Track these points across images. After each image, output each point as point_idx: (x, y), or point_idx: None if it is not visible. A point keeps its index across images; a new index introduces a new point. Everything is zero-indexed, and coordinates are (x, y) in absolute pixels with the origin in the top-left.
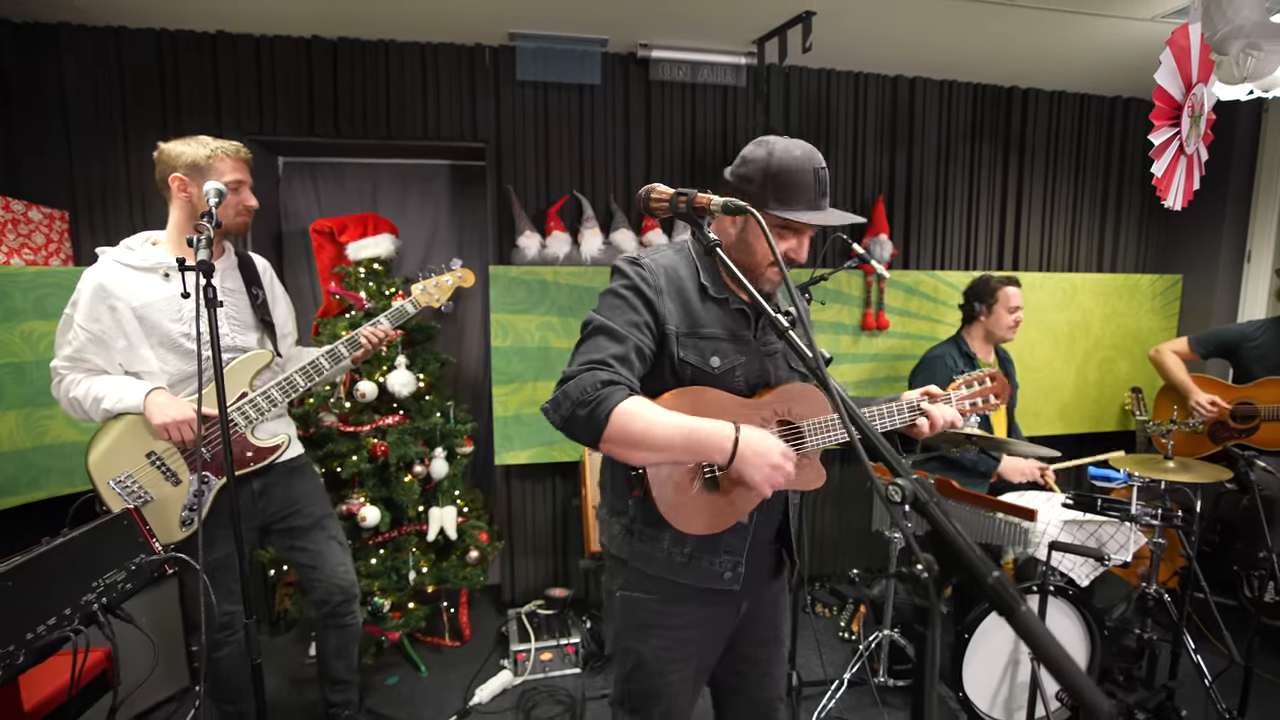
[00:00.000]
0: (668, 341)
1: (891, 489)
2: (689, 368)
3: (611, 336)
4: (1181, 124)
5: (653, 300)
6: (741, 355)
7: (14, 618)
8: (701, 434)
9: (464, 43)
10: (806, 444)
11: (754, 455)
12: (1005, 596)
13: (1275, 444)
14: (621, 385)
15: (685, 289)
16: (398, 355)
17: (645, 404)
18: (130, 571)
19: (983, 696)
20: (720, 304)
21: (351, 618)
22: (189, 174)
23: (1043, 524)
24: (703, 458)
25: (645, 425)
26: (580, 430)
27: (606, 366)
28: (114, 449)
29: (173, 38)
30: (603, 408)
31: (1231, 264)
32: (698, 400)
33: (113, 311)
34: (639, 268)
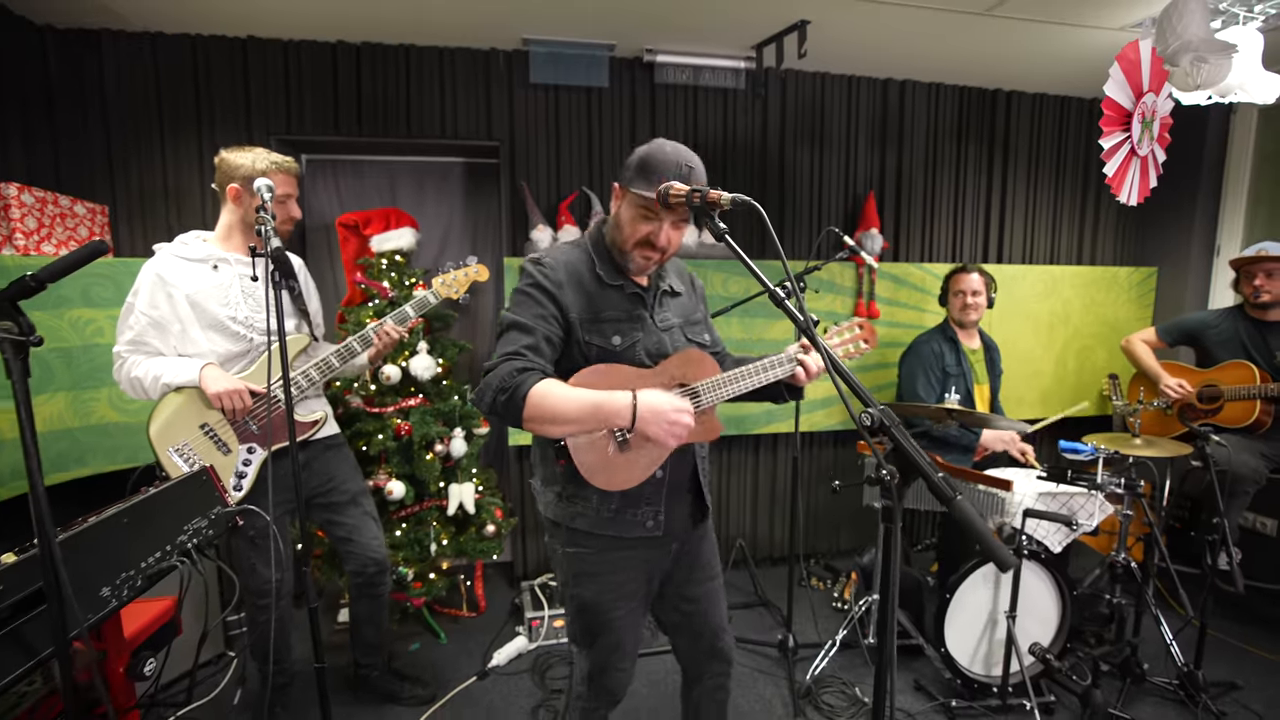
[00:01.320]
0: (573, 328)
1: (863, 415)
2: (594, 348)
3: (522, 330)
4: (1132, 129)
5: (555, 294)
6: (639, 332)
7: (131, 550)
8: (605, 405)
9: (480, 47)
10: (702, 400)
11: (652, 415)
12: (944, 490)
13: (1238, 422)
14: (535, 371)
15: (583, 280)
16: (419, 341)
17: (556, 385)
18: (211, 520)
19: (964, 653)
20: (616, 289)
21: (383, 587)
22: (244, 185)
23: (1019, 494)
24: (609, 425)
25: (555, 403)
26: (504, 413)
27: (520, 356)
28: (172, 421)
29: (206, 42)
30: (519, 392)
31: (1202, 257)
32: (605, 375)
33: (170, 298)
34: (541, 266)
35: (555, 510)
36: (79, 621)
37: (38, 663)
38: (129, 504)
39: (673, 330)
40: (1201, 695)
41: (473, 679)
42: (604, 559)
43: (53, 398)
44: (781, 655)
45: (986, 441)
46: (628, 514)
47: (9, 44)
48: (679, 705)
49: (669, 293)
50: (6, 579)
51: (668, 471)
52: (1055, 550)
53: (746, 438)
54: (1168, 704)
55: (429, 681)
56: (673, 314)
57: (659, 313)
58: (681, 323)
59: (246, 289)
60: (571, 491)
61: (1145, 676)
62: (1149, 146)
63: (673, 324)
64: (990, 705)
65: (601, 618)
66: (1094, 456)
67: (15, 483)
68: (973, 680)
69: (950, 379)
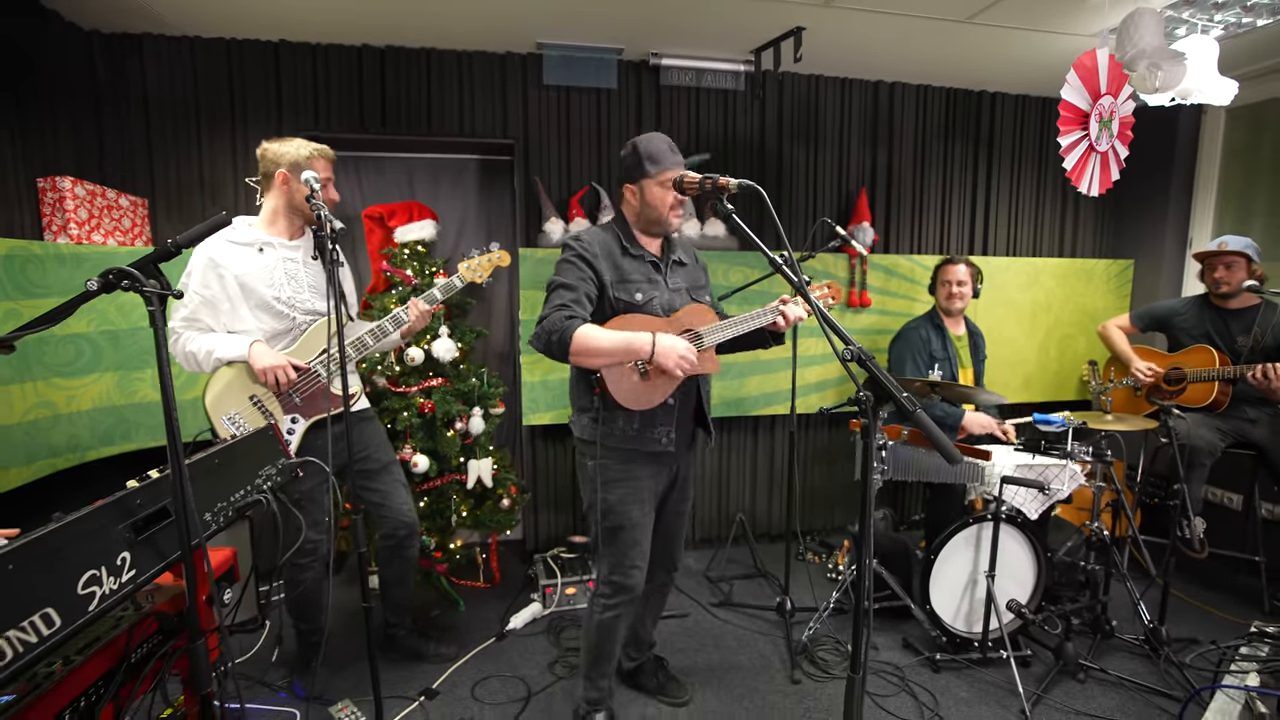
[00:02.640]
0: (605, 288)
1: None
2: (621, 302)
3: (567, 288)
4: (1090, 128)
5: (591, 261)
6: (656, 290)
7: (222, 486)
8: (632, 341)
9: (496, 50)
10: (704, 341)
11: (667, 349)
12: (906, 405)
13: (1199, 402)
14: (577, 318)
15: (613, 252)
16: (440, 326)
17: (594, 328)
18: (279, 468)
19: (947, 611)
20: (638, 259)
21: (412, 550)
22: (291, 171)
23: (997, 464)
24: (634, 357)
25: (595, 340)
26: (555, 350)
27: (566, 307)
28: (225, 392)
29: (240, 46)
30: (567, 333)
31: (1175, 249)
32: (630, 322)
33: (220, 279)
34: (580, 242)
35: (589, 431)
36: (199, 532)
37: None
38: (218, 449)
39: (681, 291)
40: (1164, 649)
41: (492, 640)
42: (626, 469)
43: (101, 377)
44: (780, 618)
45: (969, 424)
46: (647, 432)
47: (59, 48)
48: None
49: (679, 263)
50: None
51: (678, 400)
52: (1033, 516)
53: (745, 419)
54: (1135, 658)
55: (452, 642)
56: (681, 279)
57: (670, 277)
58: (688, 286)
59: (289, 271)
60: (604, 415)
61: (1114, 633)
62: (1109, 143)
63: (681, 286)
64: (972, 658)
65: (623, 517)
66: (1065, 428)
67: (70, 454)
68: (955, 636)
69: (936, 363)
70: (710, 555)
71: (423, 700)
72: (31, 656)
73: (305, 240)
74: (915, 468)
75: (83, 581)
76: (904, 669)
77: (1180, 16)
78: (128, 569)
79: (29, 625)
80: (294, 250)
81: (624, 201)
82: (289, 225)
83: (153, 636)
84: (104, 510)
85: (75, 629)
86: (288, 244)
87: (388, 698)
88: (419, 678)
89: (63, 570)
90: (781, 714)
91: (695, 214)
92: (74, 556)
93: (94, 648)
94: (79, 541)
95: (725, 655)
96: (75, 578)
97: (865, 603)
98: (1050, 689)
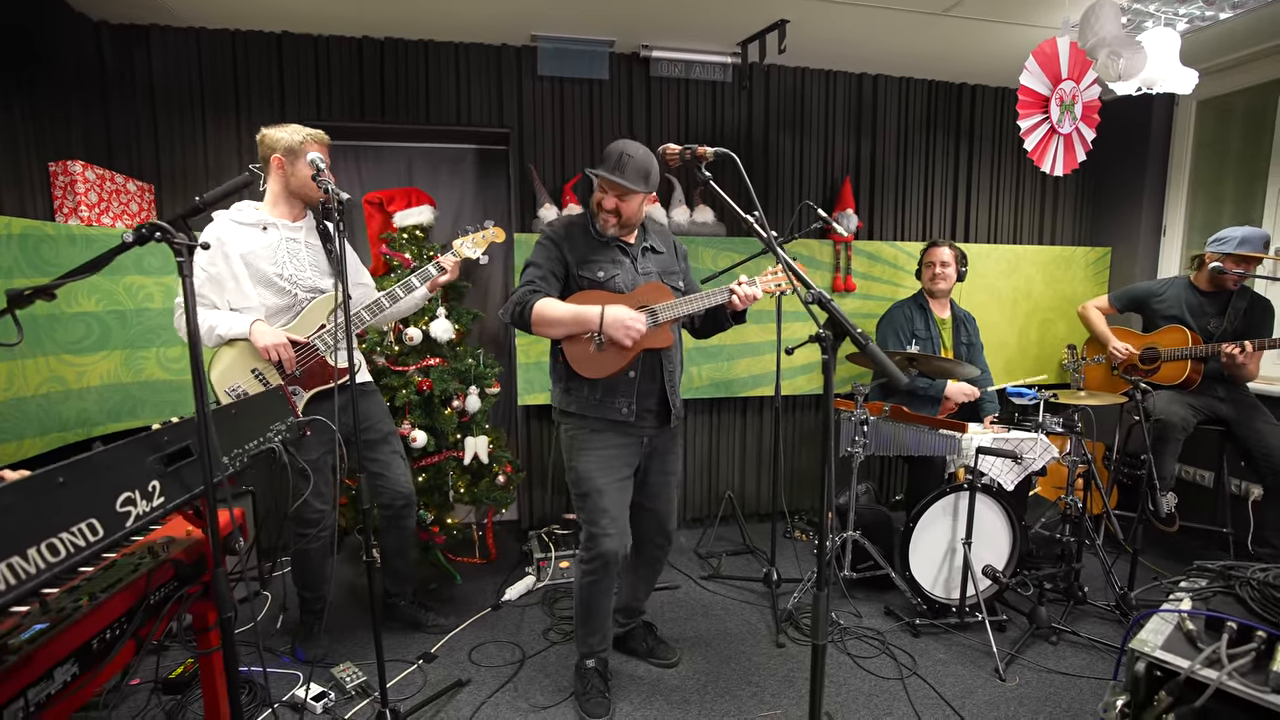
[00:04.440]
0: (570, 266)
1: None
2: (585, 280)
3: (535, 267)
4: (1050, 111)
5: (558, 243)
6: (618, 270)
7: (239, 434)
8: (584, 312)
9: (492, 42)
10: (658, 316)
11: (613, 321)
12: (859, 338)
13: (1172, 380)
14: (540, 292)
15: (577, 236)
16: (438, 306)
17: (552, 300)
18: (288, 425)
19: (926, 577)
20: (603, 243)
21: (410, 520)
22: (287, 155)
23: (973, 436)
24: (585, 328)
25: (550, 312)
26: (519, 320)
27: (532, 283)
28: (230, 366)
29: (244, 36)
30: (529, 305)
31: (1150, 237)
32: (591, 297)
33: (226, 257)
34: (550, 227)
35: (561, 400)
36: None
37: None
38: (237, 401)
39: (651, 275)
40: (1133, 613)
41: (488, 610)
42: (592, 437)
43: (109, 355)
44: (766, 588)
45: (952, 394)
46: (609, 401)
47: (69, 37)
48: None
49: (652, 250)
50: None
51: (638, 375)
52: (1009, 487)
53: (734, 400)
54: (1105, 622)
55: (449, 613)
56: (653, 265)
57: (642, 263)
58: (659, 272)
59: (291, 250)
60: (570, 384)
61: (1086, 599)
62: (1071, 125)
63: (652, 272)
64: (950, 623)
65: (592, 483)
66: (1037, 400)
67: (79, 429)
68: (934, 602)
69: (919, 342)
70: (700, 533)
71: (421, 663)
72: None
73: (307, 222)
74: (896, 443)
75: (120, 500)
76: (885, 634)
77: (1146, 10)
78: (158, 495)
79: (78, 530)
80: (296, 231)
81: None
82: (289, 208)
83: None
84: (138, 443)
85: (115, 540)
86: (290, 225)
87: (388, 661)
88: (417, 644)
89: (104, 489)
90: (766, 674)
91: (685, 200)
92: (113, 478)
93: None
94: (118, 466)
95: (714, 623)
96: (114, 496)
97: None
98: (1024, 650)
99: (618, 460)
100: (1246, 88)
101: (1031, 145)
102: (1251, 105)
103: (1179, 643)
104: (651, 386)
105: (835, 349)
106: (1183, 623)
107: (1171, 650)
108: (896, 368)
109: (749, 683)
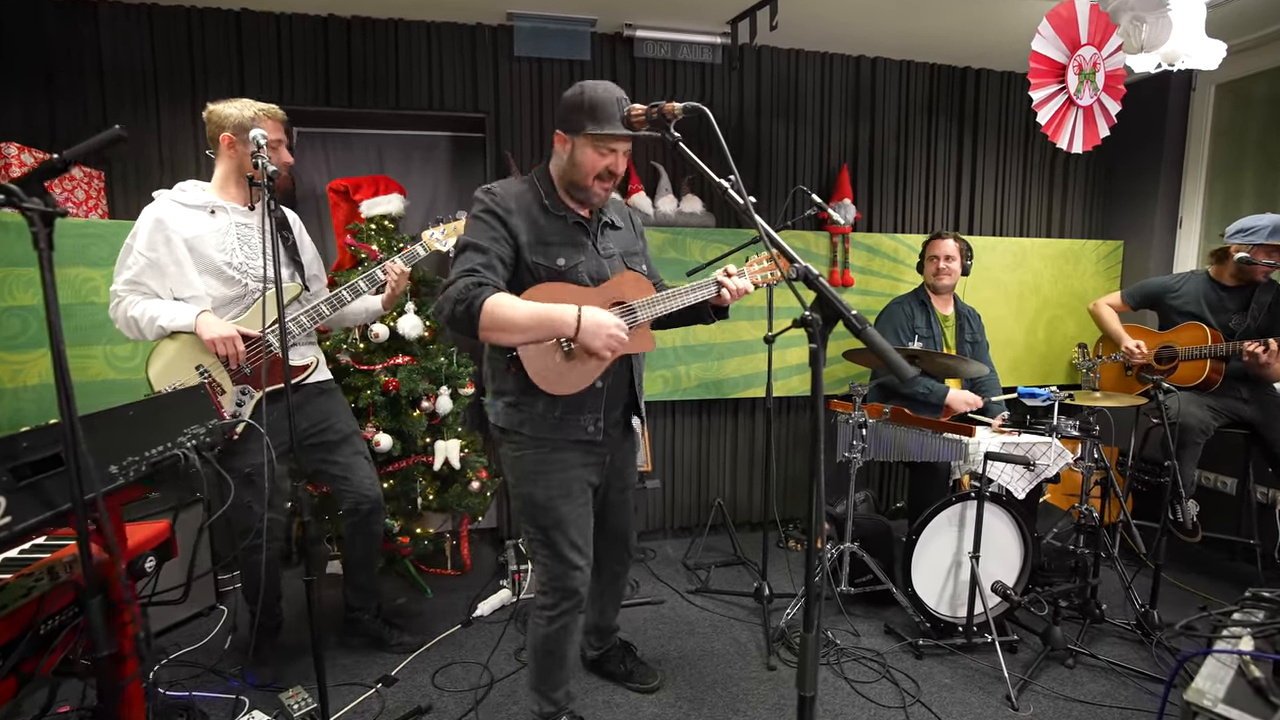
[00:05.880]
0: (521, 250)
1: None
2: (541, 268)
3: (476, 250)
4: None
5: (504, 218)
6: (582, 255)
7: (135, 440)
8: (553, 315)
9: (466, 21)
10: (637, 316)
11: (595, 327)
12: (854, 323)
13: (1190, 381)
14: (488, 285)
15: (531, 209)
16: (407, 301)
17: (508, 298)
18: (209, 428)
19: (930, 594)
20: (560, 219)
21: (377, 525)
22: (236, 133)
23: (981, 440)
24: (555, 334)
25: (508, 313)
26: (461, 324)
27: (475, 273)
28: (171, 362)
29: (201, 14)
30: (475, 304)
31: (1166, 230)
32: (552, 292)
33: (168, 241)
34: (491, 195)
35: (505, 418)
36: (94, 485)
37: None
38: (135, 402)
39: (613, 258)
40: (1156, 633)
41: (457, 627)
42: (548, 460)
43: (49, 352)
44: (757, 604)
45: (953, 403)
46: (572, 419)
47: (7, 12)
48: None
49: (610, 225)
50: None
51: (608, 382)
52: (1020, 495)
53: (725, 402)
54: (1125, 643)
55: (416, 630)
56: (614, 244)
57: (601, 242)
58: (621, 252)
59: (242, 236)
60: (520, 399)
61: (1104, 617)
62: (1092, 97)
63: (613, 252)
64: (956, 644)
65: (552, 512)
66: (1050, 402)
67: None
68: (939, 620)
69: (920, 341)
70: (688, 543)
71: (379, 688)
72: None
73: (262, 208)
74: (897, 447)
75: None
76: (885, 655)
77: None
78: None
79: None
80: (248, 216)
81: (553, 152)
82: (241, 191)
83: (69, 607)
84: None
85: None
86: (242, 209)
87: (344, 684)
88: (378, 665)
89: None
90: (755, 701)
91: (672, 189)
92: None
93: None
94: None
95: (700, 642)
96: None
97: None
98: (1037, 675)
99: (580, 482)
100: (1267, 70)
101: (1045, 119)
102: (1273, 89)
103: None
104: (619, 395)
105: (825, 336)
106: (1246, 668)
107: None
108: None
109: (736, 710)
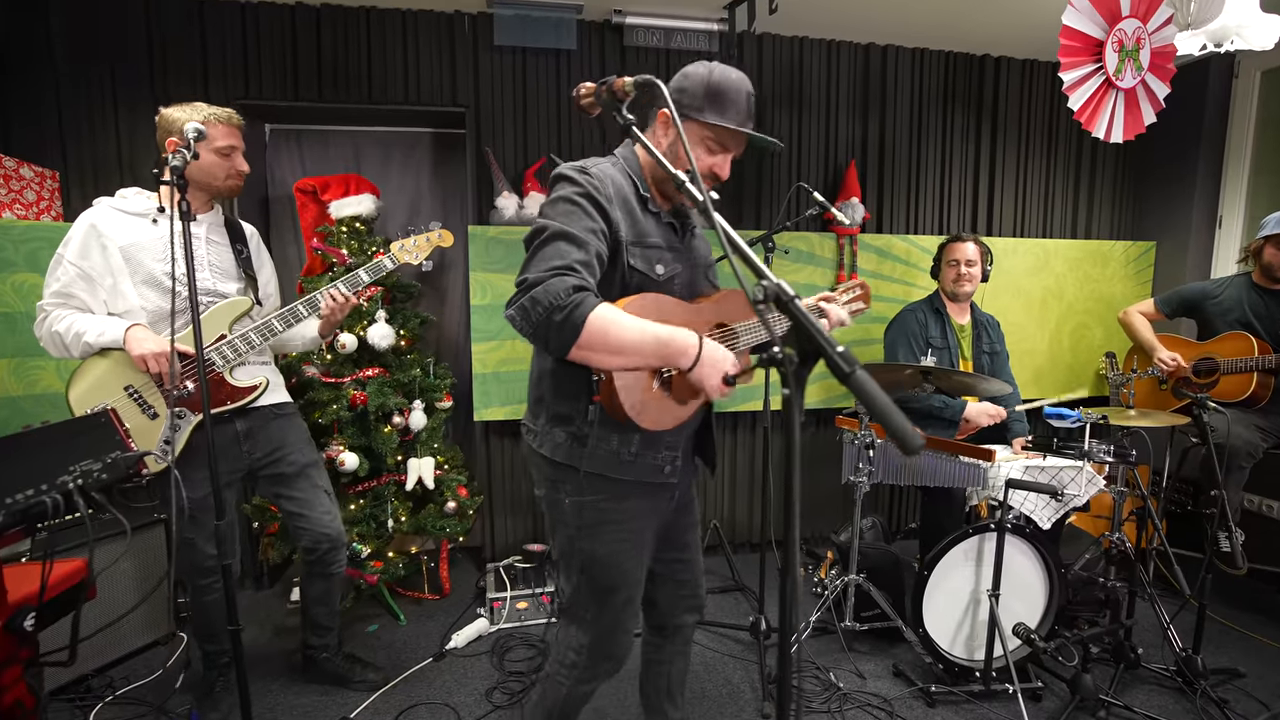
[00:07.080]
0: (620, 250)
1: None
2: (637, 274)
3: (573, 242)
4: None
5: (606, 208)
6: (680, 264)
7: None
8: (673, 342)
9: (444, 9)
10: (740, 343)
11: (712, 364)
12: (843, 362)
13: (1234, 396)
14: (591, 292)
15: (629, 200)
16: (377, 310)
17: (617, 311)
18: (106, 463)
19: (944, 635)
20: (655, 216)
21: (337, 566)
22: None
23: (1002, 465)
24: (670, 364)
25: (620, 332)
26: (552, 336)
27: (574, 272)
28: (96, 383)
29: (160, 4)
30: (578, 314)
31: (1203, 230)
32: (653, 306)
33: (103, 250)
34: (589, 176)
35: (566, 453)
36: None
37: None
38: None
39: (699, 269)
40: (1201, 682)
41: (428, 661)
42: (620, 507)
43: None
44: (753, 639)
45: (972, 417)
46: (648, 457)
47: None
48: None
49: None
50: None
51: None
52: (1045, 526)
53: (723, 416)
54: (1165, 691)
55: (381, 665)
56: (700, 257)
57: (689, 244)
58: (704, 264)
59: None
60: (593, 432)
61: (1140, 662)
62: (1135, 78)
63: (701, 264)
64: (972, 691)
65: (616, 571)
66: (1080, 424)
67: None
68: (953, 664)
69: (934, 352)
70: None
71: None
72: None
73: (212, 216)
74: (908, 470)
75: None
76: (893, 702)
77: None
78: None
79: None
80: (197, 226)
81: (649, 133)
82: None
83: None
84: None
85: None
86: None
87: None
88: (337, 706)
89: None
90: None
91: None
92: None
93: None
94: None
95: (689, 683)
96: None
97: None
98: None
99: (648, 531)
100: None
101: (1079, 104)
102: None
103: None
104: (691, 425)
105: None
106: None
107: None
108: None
109: None
